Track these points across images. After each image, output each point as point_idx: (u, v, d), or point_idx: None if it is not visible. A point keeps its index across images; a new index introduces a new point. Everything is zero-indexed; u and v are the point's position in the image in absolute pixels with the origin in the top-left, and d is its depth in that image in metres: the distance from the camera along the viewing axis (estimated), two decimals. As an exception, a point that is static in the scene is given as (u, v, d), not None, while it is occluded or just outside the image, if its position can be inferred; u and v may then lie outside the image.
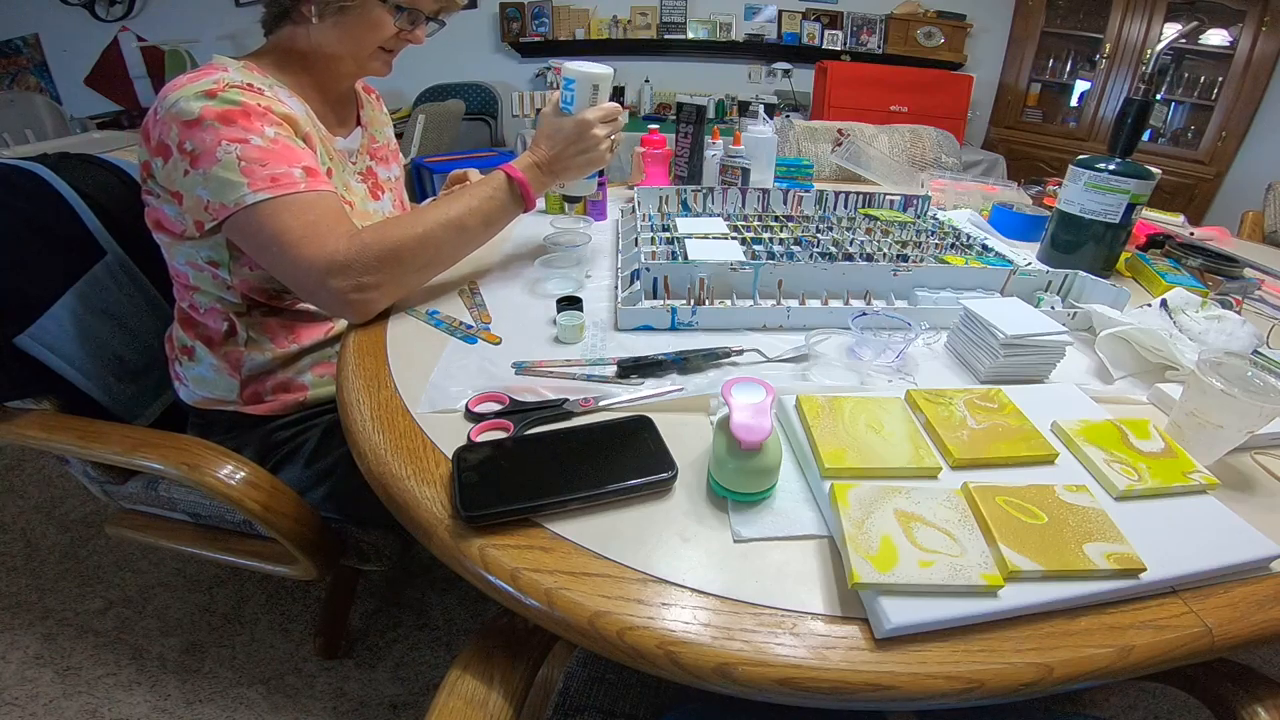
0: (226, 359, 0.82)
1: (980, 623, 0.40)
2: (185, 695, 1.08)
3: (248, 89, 0.70)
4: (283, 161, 0.68)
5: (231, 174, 0.66)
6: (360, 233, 0.70)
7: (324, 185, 0.72)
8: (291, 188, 0.68)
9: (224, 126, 0.66)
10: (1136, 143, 0.91)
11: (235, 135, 0.67)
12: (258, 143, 0.68)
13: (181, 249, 0.77)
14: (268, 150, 0.68)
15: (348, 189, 0.86)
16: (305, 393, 0.86)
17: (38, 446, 0.81)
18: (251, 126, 0.68)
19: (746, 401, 0.48)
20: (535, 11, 3.33)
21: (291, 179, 0.68)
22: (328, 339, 0.86)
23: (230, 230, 0.70)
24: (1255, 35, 2.73)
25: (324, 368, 0.87)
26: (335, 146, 0.84)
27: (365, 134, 0.93)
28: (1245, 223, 1.77)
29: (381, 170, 0.96)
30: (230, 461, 0.73)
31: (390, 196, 0.96)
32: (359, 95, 0.95)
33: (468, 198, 0.76)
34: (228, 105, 0.67)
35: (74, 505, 1.49)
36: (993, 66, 3.51)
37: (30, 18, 3.41)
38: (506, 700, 0.45)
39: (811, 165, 1.43)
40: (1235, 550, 0.45)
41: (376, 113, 1.00)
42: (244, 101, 0.68)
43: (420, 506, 0.48)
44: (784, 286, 0.81)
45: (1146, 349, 0.70)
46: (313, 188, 0.70)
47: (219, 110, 0.67)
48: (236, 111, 0.67)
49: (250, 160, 0.67)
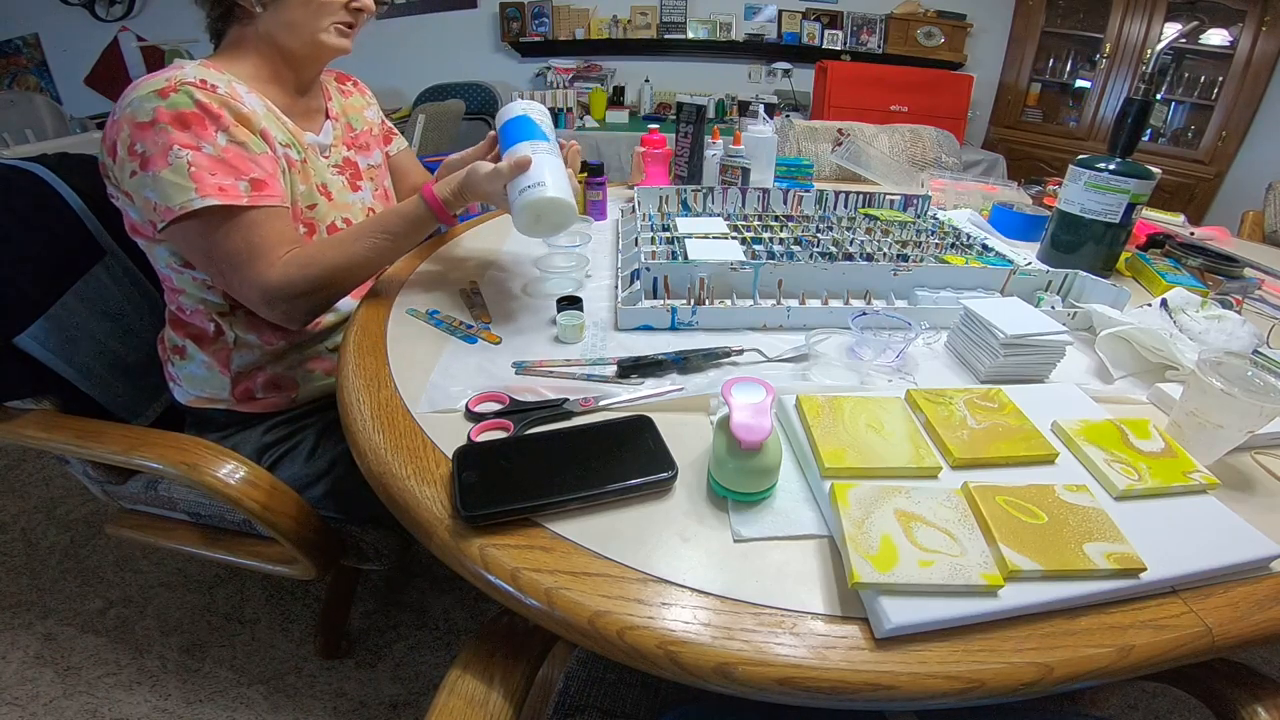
0: (216, 356, 0.82)
1: (980, 622, 0.40)
2: (185, 695, 1.08)
3: (201, 85, 0.69)
4: (231, 173, 0.68)
5: (180, 178, 0.66)
6: (293, 258, 0.71)
7: (270, 199, 0.71)
8: (236, 199, 0.68)
9: (177, 130, 0.66)
10: (1136, 142, 0.91)
11: (187, 140, 0.66)
12: (209, 151, 0.67)
13: (158, 251, 0.77)
14: (218, 160, 0.68)
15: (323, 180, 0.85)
16: (296, 390, 0.86)
17: (37, 446, 0.81)
18: (204, 133, 0.67)
19: (746, 401, 0.48)
20: (535, 11, 3.33)
21: (237, 192, 0.68)
22: (316, 334, 0.86)
23: (173, 235, 0.70)
24: (1255, 35, 2.72)
25: (314, 363, 0.87)
26: (305, 140, 0.83)
27: (338, 125, 0.92)
28: (1245, 222, 1.77)
29: (362, 159, 0.95)
30: (229, 460, 0.73)
31: (371, 186, 0.95)
32: (325, 89, 0.93)
33: (382, 216, 0.77)
34: (182, 107, 0.67)
35: (74, 505, 1.49)
36: (993, 66, 3.51)
37: (30, 18, 3.41)
38: (506, 700, 0.45)
39: (811, 165, 1.43)
40: (1235, 550, 0.45)
41: (355, 99, 0.99)
42: (199, 101, 0.68)
43: (420, 506, 0.48)
44: (784, 286, 0.81)
45: (1147, 349, 0.70)
46: (257, 203, 0.69)
47: (173, 113, 0.66)
48: (191, 114, 0.67)
49: (200, 167, 0.66)
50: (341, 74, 1.01)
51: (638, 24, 3.35)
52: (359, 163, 0.94)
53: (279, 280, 0.70)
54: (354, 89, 1.01)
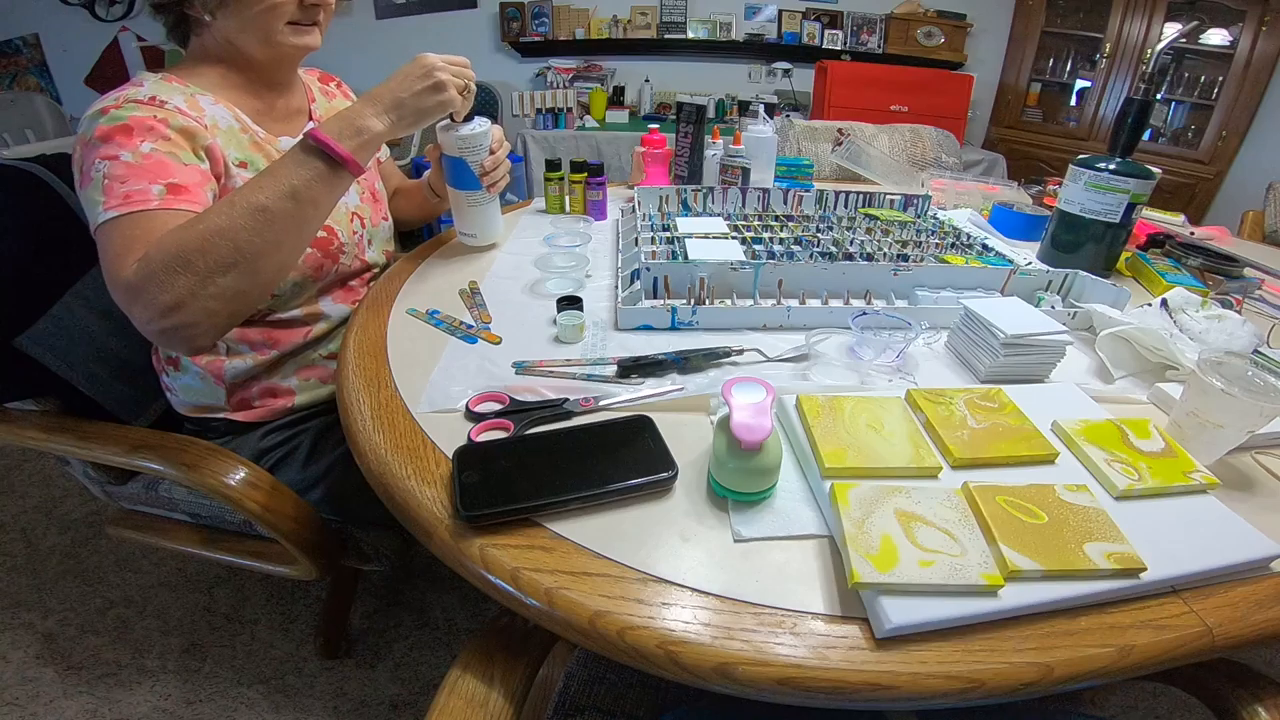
0: (209, 368, 0.81)
1: (980, 622, 0.40)
2: (185, 695, 1.08)
3: (148, 103, 0.66)
4: (145, 177, 0.63)
5: (96, 193, 0.62)
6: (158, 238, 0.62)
7: (187, 203, 0.64)
8: (141, 205, 0.62)
9: (102, 144, 0.64)
10: (1137, 142, 0.91)
11: (109, 152, 0.63)
12: (126, 158, 0.63)
13: None
14: (134, 166, 0.63)
15: None
16: (292, 398, 0.86)
17: (38, 447, 0.81)
18: (127, 142, 0.64)
19: (746, 401, 0.48)
20: (535, 11, 3.33)
21: (146, 196, 0.62)
22: (308, 342, 0.86)
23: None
24: (1255, 35, 2.72)
25: (308, 371, 0.87)
26: (279, 146, 0.81)
27: None
28: (1245, 222, 1.77)
29: None
30: (230, 462, 0.73)
31: (358, 189, 0.92)
32: (308, 89, 0.91)
33: (261, 174, 0.65)
34: (115, 122, 0.64)
35: (74, 505, 1.49)
36: (993, 66, 3.51)
37: (30, 18, 3.41)
38: (507, 700, 0.45)
39: (811, 165, 1.43)
40: (1235, 550, 0.45)
41: (338, 101, 0.97)
42: (132, 116, 0.65)
43: (420, 506, 0.48)
44: (784, 286, 0.81)
45: (1147, 349, 0.70)
46: (169, 205, 0.63)
47: (106, 128, 0.64)
48: (118, 128, 0.64)
49: (113, 177, 0.62)
50: (325, 74, 0.99)
51: (638, 24, 3.35)
52: None
53: (137, 267, 0.60)
54: (337, 90, 0.99)
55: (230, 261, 0.61)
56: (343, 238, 0.86)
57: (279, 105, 0.84)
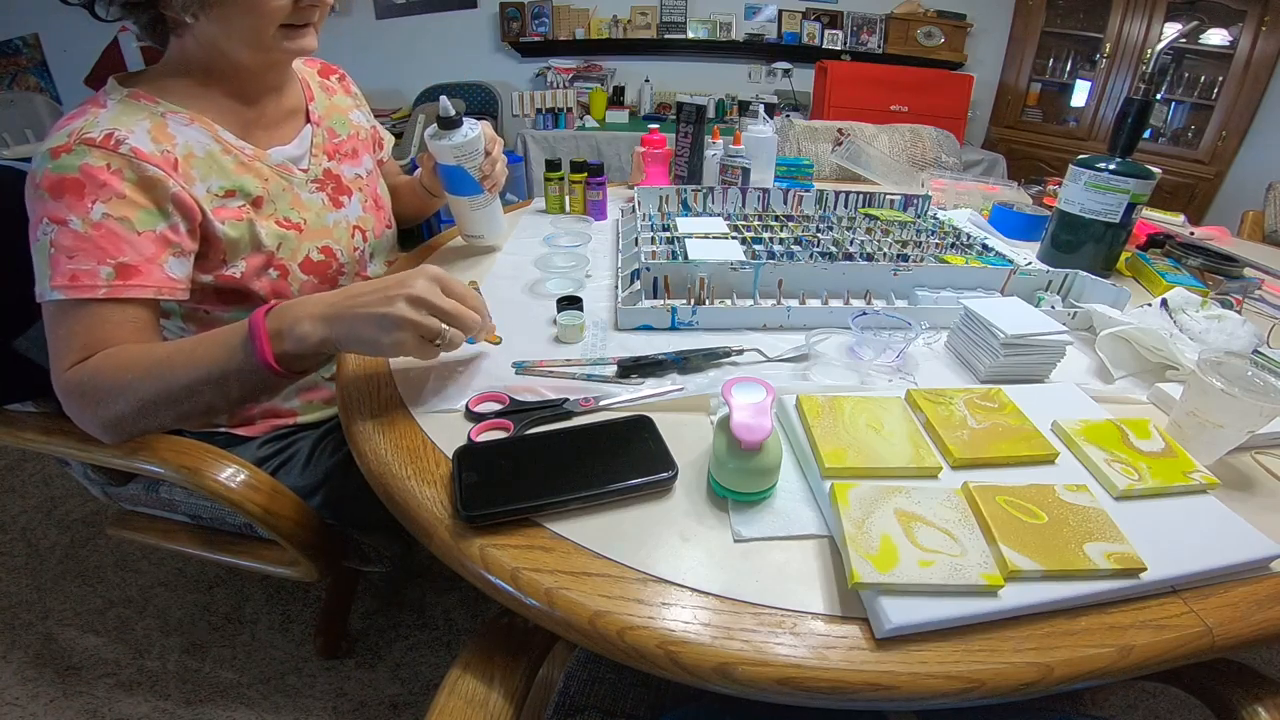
0: None
1: (980, 623, 0.40)
2: (185, 695, 1.08)
3: (103, 144, 0.60)
4: (94, 256, 0.59)
5: (43, 262, 0.59)
6: (100, 356, 0.60)
7: (135, 289, 0.61)
8: (89, 292, 0.59)
9: (51, 200, 0.59)
10: (1136, 142, 0.91)
11: (57, 214, 0.59)
12: (76, 226, 0.59)
13: None
14: (82, 238, 0.59)
15: (294, 207, 0.77)
16: (295, 417, 0.85)
17: (37, 449, 0.81)
18: (77, 204, 0.59)
19: (746, 401, 0.48)
20: (535, 11, 3.33)
21: (94, 280, 0.59)
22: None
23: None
24: (1255, 35, 2.72)
25: (311, 393, 0.86)
26: (271, 161, 0.75)
27: (319, 131, 0.83)
28: (1245, 222, 1.77)
29: (348, 168, 0.86)
30: (231, 464, 0.73)
31: (360, 197, 0.87)
32: (305, 85, 0.84)
33: (198, 344, 0.59)
34: (66, 172, 0.59)
35: (74, 505, 1.49)
36: (993, 66, 3.51)
37: (30, 18, 3.40)
38: (506, 700, 0.45)
39: (811, 165, 1.43)
40: (1235, 550, 0.45)
41: (339, 99, 0.89)
42: (84, 165, 0.59)
43: (420, 506, 0.48)
44: (784, 286, 0.81)
45: (1147, 349, 0.70)
46: (116, 294, 0.60)
47: (55, 178, 0.59)
48: (69, 181, 0.58)
49: (60, 249, 0.59)
50: (327, 66, 0.92)
51: (638, 24, 3.35)
52: (342, 174, 0.85)
53: (72, 375, 0.59)
54: (339, 85, 0.91)
55: (167, 414, 0.61)
56: (342, 258, 0.82)
57: (270, 111, 0.77)
